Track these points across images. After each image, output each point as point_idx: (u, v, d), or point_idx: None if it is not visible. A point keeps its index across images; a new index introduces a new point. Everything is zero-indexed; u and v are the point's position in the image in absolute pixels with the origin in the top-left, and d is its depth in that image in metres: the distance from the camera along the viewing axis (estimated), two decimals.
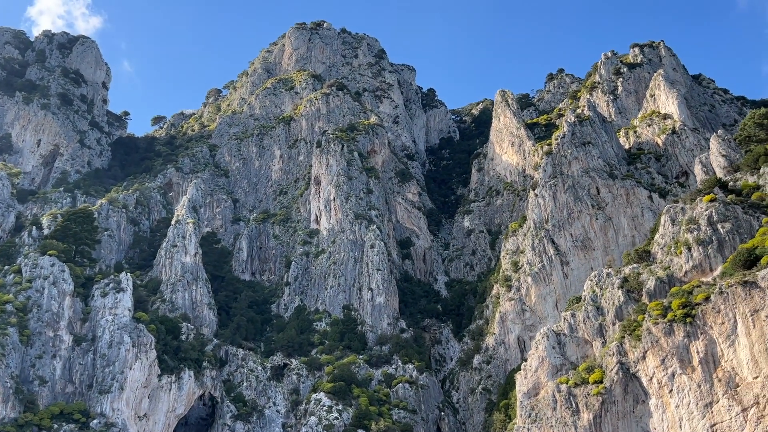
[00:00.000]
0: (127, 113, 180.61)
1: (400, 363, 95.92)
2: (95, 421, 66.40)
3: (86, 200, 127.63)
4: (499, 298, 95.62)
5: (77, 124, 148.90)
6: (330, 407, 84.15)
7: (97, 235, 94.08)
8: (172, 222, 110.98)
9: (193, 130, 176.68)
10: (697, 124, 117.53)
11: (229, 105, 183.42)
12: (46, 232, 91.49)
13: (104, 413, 67.44)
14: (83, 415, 66.47)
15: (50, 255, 76.44)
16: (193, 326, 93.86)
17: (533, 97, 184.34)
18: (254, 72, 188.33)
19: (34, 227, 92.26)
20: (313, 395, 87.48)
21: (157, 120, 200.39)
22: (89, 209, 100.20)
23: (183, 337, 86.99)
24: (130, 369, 70.06)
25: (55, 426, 64.16)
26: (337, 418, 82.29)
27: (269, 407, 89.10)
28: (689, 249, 61.62)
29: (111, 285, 77.63)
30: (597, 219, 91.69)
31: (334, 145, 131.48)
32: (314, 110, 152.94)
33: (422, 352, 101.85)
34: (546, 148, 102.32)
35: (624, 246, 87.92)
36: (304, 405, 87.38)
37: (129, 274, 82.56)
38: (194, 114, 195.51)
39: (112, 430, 65.94)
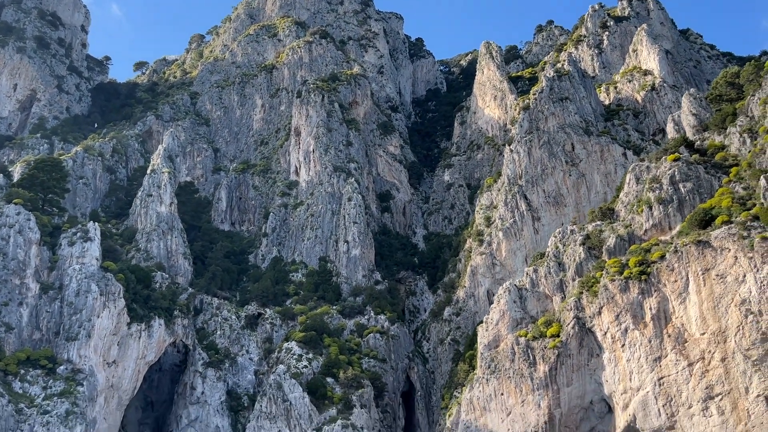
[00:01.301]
0: (108, 58, 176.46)
1: (372, 314, 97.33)
2: (62, 368, 67.57)
3: (64, 147, 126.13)
4: (471, 252, 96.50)
5: (55, 69, 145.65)
6: (300, 356, 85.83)
7: (66, 184, 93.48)
8: (148, 171, 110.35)
9: (175, 77, 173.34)
10: (681, 80, 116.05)
11: (211, 51, 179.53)
12: (16, 179, 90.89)
13: (71, 360, 68.53)
14: (50, 361, 67.55)
15: (15, 203, 76.05)
16: (167, 275, 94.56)
17: (521, 50, 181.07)
18: (237, 18, 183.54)
19: (2, 175, 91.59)
20: (285, 344, 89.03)
21: (140, 66, 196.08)
22: (59, 157, 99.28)
23: (156, 286, 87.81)
24: (98, 317, 70.81)
25: (22, 371, 65.31)
26: (306, 367, 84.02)
27: (242, 355, 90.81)
28: (650, 208, 62.07)
29: (79, 234, 77.66)
30: (570, 175, 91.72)
31: (315, 95, 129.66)
32: (296, 59, 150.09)
33: (395, 304, 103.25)
34: (524, 102, 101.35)
35: (596, 203, 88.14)
36: (276, 353, 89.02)
37: (97, 223, 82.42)
38: (177, 60, 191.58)
39: (79, 376, 67.25)
